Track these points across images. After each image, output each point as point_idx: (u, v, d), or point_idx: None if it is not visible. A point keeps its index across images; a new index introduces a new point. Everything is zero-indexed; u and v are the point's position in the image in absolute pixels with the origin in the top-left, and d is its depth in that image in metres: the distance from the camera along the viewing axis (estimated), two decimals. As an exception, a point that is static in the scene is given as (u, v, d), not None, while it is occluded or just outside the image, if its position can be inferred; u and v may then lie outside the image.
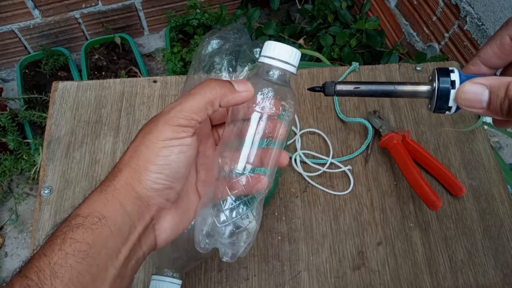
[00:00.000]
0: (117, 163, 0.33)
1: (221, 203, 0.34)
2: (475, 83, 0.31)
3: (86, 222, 0.29)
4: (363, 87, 0.35)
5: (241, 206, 0.34)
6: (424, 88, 0.34)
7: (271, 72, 0.35)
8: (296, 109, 0.36)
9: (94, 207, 0.30)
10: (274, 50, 0.35)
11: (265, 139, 0.34)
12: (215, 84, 0.33)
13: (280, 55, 0.34)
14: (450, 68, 0.33)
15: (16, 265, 0.29)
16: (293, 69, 0.35)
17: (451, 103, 0.33)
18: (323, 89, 0.36)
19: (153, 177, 0.31)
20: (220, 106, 0.33)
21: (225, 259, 0.35)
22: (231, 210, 0.34)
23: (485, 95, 0.31)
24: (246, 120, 0.34)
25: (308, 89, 0.35)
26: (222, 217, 0.33)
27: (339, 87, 0.36)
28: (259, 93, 0.34)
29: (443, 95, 0.33)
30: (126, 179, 0.31)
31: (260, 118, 0.34)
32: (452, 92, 0.33)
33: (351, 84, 0.36)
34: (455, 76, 0.33)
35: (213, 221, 0.34)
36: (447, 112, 0.34)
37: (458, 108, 0.33)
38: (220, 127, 0.38)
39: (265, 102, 0.34)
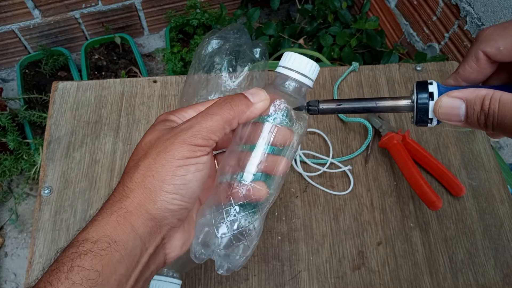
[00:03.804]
0: (124, 181, 0.31)
1: (223, 213, 0.33)
2: (451, 97, 0.31)
3: (95, 248, 0.28)
4: (345, 104, 0.36)
5: (243, 218, 0.33)
6: (404, 102, 0.34)
7: (287, 83, 0.35)
8: (308, 124, 0.36)
9: (104, 230, 0.28)
10: (293, 61, 0.34)
11: (273, 150, 0.34)
12: (232, 102, 0.33)
13: (299, 67, 0.34)
14: (429, 81, 0.33)
15: (16, 265, 0.28)
16: (310, 83, 0.35)
17: (431, 115, 0.33)
18: (307, 108, 0.36)
19: (169, 197, 0.30)
20: (238, 123, 0.33)
21: (220, 272, 0.34)
22: (233, 222, 0.33)
23: (462, 109, 0.31)
24: (257, 129, 0.34)
25: (293, 109, 0.36)
26: (223, 228, 0.32)
27: (322, 106, 0.36)
28: (273, 104, 0.34)
29: (422, 108, 0.33)
30: (140, 200, 0.30)
31: (271, 129, 0.33)
32: (431, 104, 0.33)
33: (334, 102, 0.36)
34: (433, 88, 0.33)
35: (213, 231, 0.33)
36: (429, 124, 0.34)
37: (439, 120, 0.33)
38: None
39: (277, 114, 0.33)
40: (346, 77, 0.71)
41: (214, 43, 0.61)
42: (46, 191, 0.59)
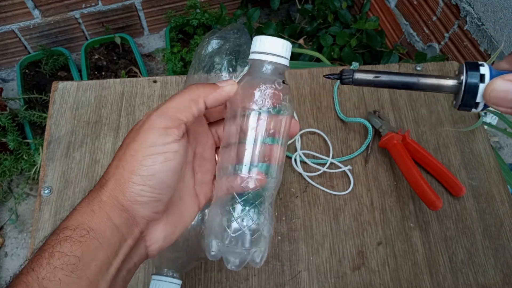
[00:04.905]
0: (104, 172, 0.32)
1: (231, 210, 0.32)
2: (507, 80, 0.29)
3: (74, 234, 0.28)
4: (383, 77, 0.33)
5: (251, 211, 0.32)
6: (450, 82, 0.32)
7: (264, 68, 0.34)
8: (294, 102, 0.35)
9: (82, 219, 0.29)
10: (264, 44, 0.33)
11: (266, 137, 0.33)
12: (198, 84, 0.33)
13: (271, 48, 0.33)
14: (480, 62, 0.31)
15: (16, 265, 0.29)
16: (285, 62, 0.34)
17: (479, 99, 0.30)
18: (340, 76, 0.34)
19: (137, 189, 0.30)
20: (206, 105, 0.33)
21: (231, 267, 0.34)
22: (242, 218, 0.32)
23: None
24: (246, 119, 0.33)
25: (324, 76, 0.34)
26: (234, 226, 0.32)
27: (358, 75, 0.33)
28: (256, 90, 0.33)
29: (471, 90, 0.30)
30: (111, 190, 0.30)
31: (259, 115, 0.33)
32: (481, 86, 0.30)
33: (371, 73, 0.33)
34: (485, 70, 0.30)
35: (226, 231, 0.32)
36: (473, 109, 0.31)
37: (485, 105, 0.31)
38: (220, 126, 0.37)
39: (262, 99, 0.33)
40: (346, 77, 0.71)
41: (214, 43, 0.61)
42: (46, 191, 0.59)
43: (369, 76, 0.33)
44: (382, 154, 0.65)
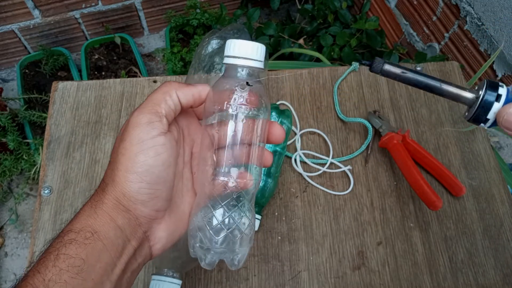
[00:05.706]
0: (103, 175, 0.33)
1: (212, 213, 0.33)
2: None
3: (79, 237, 0.29)
4: (410, 74, 0.36)
5: (232, 213, 0.33)
6: (468, 94, 0.35)
7: (238, 73, 0.34)
8: (269, 103, 0.35)
9: (86, 222, 0.30)
10: (236, 48, 0.33)
11: (245, 139, 0.33)
12: (171, 81, 0.34)
13: (242, 52, 0.33)
14: (500, 84, 0.34)
15: (16, 265, 0.29)
16: (259, 64, 0.34)
17: (490, 115, 0.34)
18: (371, 64, 0.36)
19: (136, 187, 0.31)
20: (179, 99, 0.33)
21: (205, 266, 0.34)
22: (223, 220, 0.33)
23: None
24: (219, 121, 0.33)
25: (356, 61, 0.37)
26: (216, 228, 0.32)
27: (387, 67, 0.36)
28: (226, 92, 0.33)
29: (485, 106, 0.33)
30: (112, 193, 0.31)
31: (235, 118, 0.33)
32: (496, 105, 0.33)
33: (399, 68, 0.36)
34: (502, 91, 0.33)
35: (208, 233, 0.33)
36: (481, 124, 0.34)
37: (494, 123, 0.34)
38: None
39: (233, 101, 0.33)
40: (346, 77, 0.71)
41: (214, 43, 0.61)
42: (46, 191, 0.59)
43: (397, 70, 0.36)
44: (382, 154, 0.65)
